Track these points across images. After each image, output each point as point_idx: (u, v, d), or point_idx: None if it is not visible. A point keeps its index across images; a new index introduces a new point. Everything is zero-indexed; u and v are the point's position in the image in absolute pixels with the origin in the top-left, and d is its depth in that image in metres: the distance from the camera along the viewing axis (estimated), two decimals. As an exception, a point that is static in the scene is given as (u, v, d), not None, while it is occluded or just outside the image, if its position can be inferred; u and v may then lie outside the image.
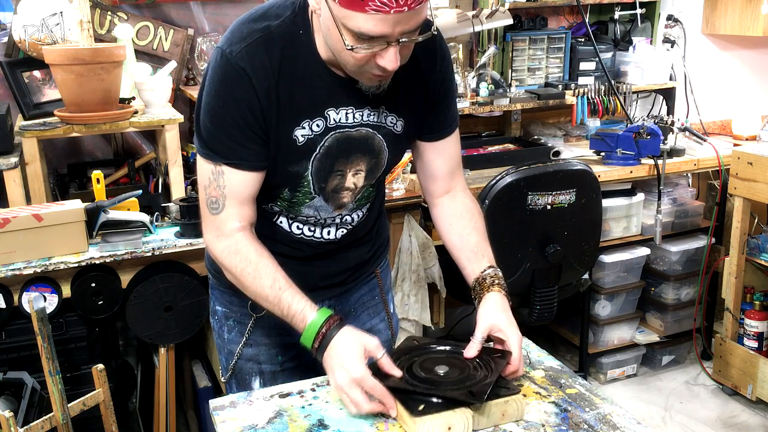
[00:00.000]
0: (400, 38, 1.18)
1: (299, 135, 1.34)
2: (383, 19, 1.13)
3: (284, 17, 1.31)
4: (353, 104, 1.35)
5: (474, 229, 1.51)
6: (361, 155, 1.41)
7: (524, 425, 1.24)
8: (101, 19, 2.73)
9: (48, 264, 2.09)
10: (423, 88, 1.43)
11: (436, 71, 1.43)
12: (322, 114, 1.34)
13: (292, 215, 1.47)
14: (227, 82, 1.29)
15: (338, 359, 1.25)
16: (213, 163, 1.34)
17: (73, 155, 2.88)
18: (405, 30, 1.17)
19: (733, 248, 3.05)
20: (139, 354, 2.80)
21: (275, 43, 1.29)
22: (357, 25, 1.14)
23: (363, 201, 1.51)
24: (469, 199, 1.56)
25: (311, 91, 1.32)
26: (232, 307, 1.60)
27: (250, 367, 1.60)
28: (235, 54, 1.28)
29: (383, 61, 1.20)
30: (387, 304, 1.73)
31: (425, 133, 1.50)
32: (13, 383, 2.08)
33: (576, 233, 2.59)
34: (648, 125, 3.05)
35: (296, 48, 1.30)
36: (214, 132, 1.32)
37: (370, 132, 1.40)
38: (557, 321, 3.16)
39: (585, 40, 3.42)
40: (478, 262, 1.46)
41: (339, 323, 1.29)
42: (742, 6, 3.51)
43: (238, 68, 1.28)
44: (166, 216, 2.42)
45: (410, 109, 1.43)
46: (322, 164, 1.38)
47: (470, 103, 3.08)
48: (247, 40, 1.29)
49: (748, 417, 3.02)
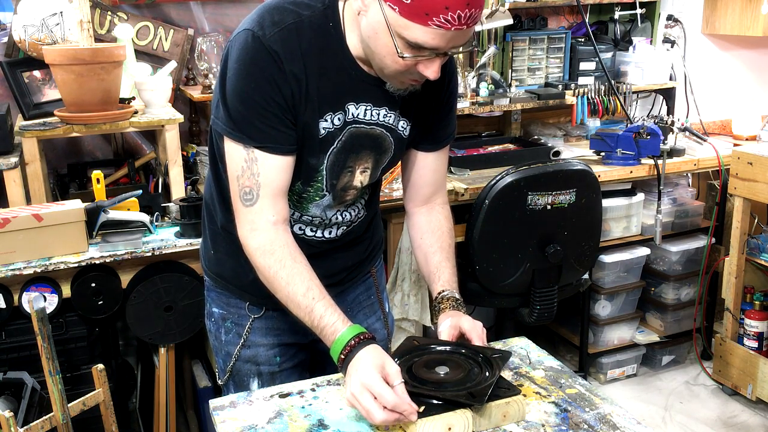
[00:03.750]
0: (449, 51, 1.21)
1: (321, 127, 1.35)
2: (442, 35, 1.16)
3: (315, 8, 1.31)
4: (373, 102, 1.37)
5: (440, 248, 1.55)
6: (370, 152, 1.43)
7: (524, 425, 1.24)
8: (101, 19, 2.73)
9: (48, 264, 2.09)
10: (434, 99, 1.46)
11: (444, 83, 1.46)
12: (343, 108, 1.35)
13: (298, 214, 1.47)
14: (259, 64, 1.27)
15: (354, 368, 1.22)
16: (245, 147, 1.31)
17: (73, 155, 2.88)
18: (457, 44, 1.20)
19: (733, 248, 3.05)
20: (139, 354, 2.80)
21: (306, 32, 1.29)
22: (414, 37, 1.17)
23: (358, 198, 1.53)
24: (444, 216, 1.60)
25: (336, 83, 1.33)
26: (229, 309, 1.59)
27: (248, 369, 1.60)
28: (268, 36, 1.27)
29: (427, 71, 1.23)
30: (382, 303, 1.74)
31: (424, 143, 1.53)
32: (13, 383, 2.08)
33: (576, 233, 2.59)
34: (648, 125, 3.05)
35: (326, 39, 1.31)
36: (246, 114, 1.30)
37: (384, 132, 1.42)
38: (557, 321, 3.16)
39: (585, 40, 3.42)
40: (434, 284, 1.52)
41: (368, 340, 1.26)
42: (742, 6, 3.51)
43: (271, 50, 1.27)
44: (166, 216, 2.42)
45: (420, 117, 1.46)
46: (337, 159, 1.39)
47: (470, 103, 3.08)
48: (279, 25, 1.28)
49: (748, 417, 3.02)
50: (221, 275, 1.59)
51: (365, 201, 1.57)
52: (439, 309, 1.46)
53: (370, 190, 1.57)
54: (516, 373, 1.42)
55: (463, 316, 1.41)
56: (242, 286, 1.56)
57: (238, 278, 1.55)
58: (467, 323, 1.39)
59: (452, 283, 1.50)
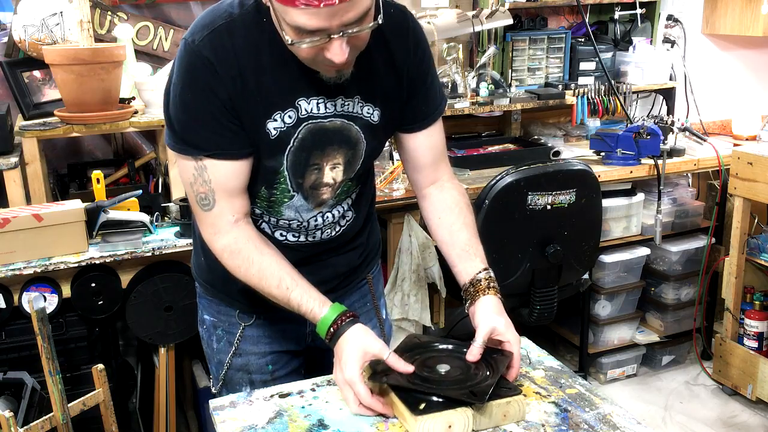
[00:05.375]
0: (344, 31, 1.13)
1: (271, 128, 1.31)
2: (315, 13, 1.10)
3: (247, 5, 1.28)
4: (325, 94, 1.31)
5: (464, 225, 1.47)
6: (338, 147, 1.37)
7: (524, 425, 1.24)
8: (101, 19, 2.73)
9: (48, 264, 2.09)
10: (398, 76, 1.39)
11: (410, 58, 1.39)
12: (293, 104, 1.30)
13: (274, 219, 1.44)
14: (194, 72, 1.26)
15: (338, 356, 1.28)
16: (192, 158, 1.31)
17: (73, 155, 2.88)
18: (345, 22, 1.12)
19: (733, 248, 3.05)
20: (139, 354, 2.80)
21: (238, 30, 1.26)
22: (293, 21, 1.12)
23: (342, 196, 1.46)
24: (457, 191, 1.51)
25: (280, 80, 1.29)
26: (219, 317, 1.57)
27: (240, 377, 1.58)
28: (197, 43, 1.25)
29: (330, 54, 1.16)
30: (379, 310, 1.69)
31: (406, 123, 1.46)
32: (13, 383, 2.08)
33: (576, 233, 2.59)
34: (648, 125, 3.05)
35: (261, 35, 1.27)
36: (187, 124, 1.29)
37: (346, 123, 1.35)
38: (557, 321, 3.15)
39: (585, 40, 3.42)
40: (470, 262, 1.43)
41: (350, 321, 1.29)
42: (742, 6, 3.51)
43: (201, 57, 1.24)
44: (166, 216, 2.42)
45: (387, 98, 1.39)
46: (297, 158, 1.34)
47: (470, 103, 3.08)
48: (209, 28, 1.26)
49: (748, 417, 3.02)
50: (211, 283, 1.57)
51: (351, 202, 1.49)
52: (484, 288, 1.39)
53: (357, 190, 1.49)
54: (516, 373, 1.42)
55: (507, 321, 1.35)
56: (232, 294, 1.53)
57: (227, 286, 1.51)
58: (512, 335, 1.33)
59: (486, 262, 1.44)
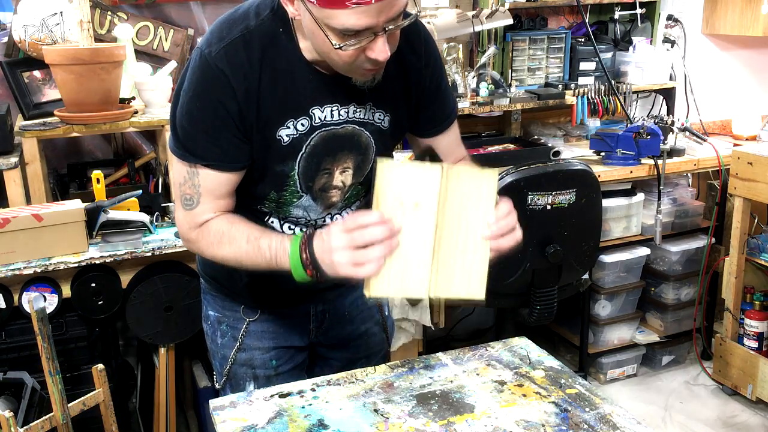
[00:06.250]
0: (386, 26, 1.16)
1: (284, 135, 1.32)
2: (366, 11, 1.11)
3: (263, 16, 1.29)
4: (338, 101, 1.34)
5: None
6: (348, 152, 1.39)
7: (524, 425, 1.24)
8: (101, 19, 2.73)
9: (48, 264, 2.09)
10: (410, 82, 1.41)
11: (422, 65, 1.41)
12: (307, 113, 1.32)
13: (282, 215, 1.46)
14: (205, 83, 1.27)
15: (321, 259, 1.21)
16: (188, 164, 1.32)
17: (73, 155, 2.88)
18: (389, 17, 1.15)
19: (733, 248, 3.05)
20: (139, 354, 2.80)
21: (255, 42, 1.27)
22: (341, 23, 1.13)
23: (352, 199, 1.48)
24: None
25: (295, 90, 1.30)
26: (224, 312, 1.59)
27: (244, 372, 1.59)
28: (213, 54, 1.26)
29: (374, 53, 1.18)
30: (381, 307, 1.71)
31: (423, 129, 1.48)
32: (13, 383, 2.08)
33: (576, 233, 2.59)
34: (648, 125, 3.05)
35: (277, 46, 1.28)
36: (190, 132, 1.30)
37: (357, 129, 1.38)
38: (557, 321, 3.15)
39: (585, 40, 3.42)
40: None
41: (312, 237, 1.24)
42: (742, 6, 3.51)
43: (216, 69, 1.26)
44: (166, 216, 2.42)
45: (397, 104, 1.41)
46: (308, 163, 1.37)
47: (470, 103, 3.08)
48: (225, 40, 1.27)
49: (748, 417, 3.02)
50: (216, 278, 1.58)
51: (360, 204, 1.51)
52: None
53: (364, 189, 1.50)
54: (516, 373, 1.42)
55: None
56: (236, 289, 1.55)
57: (232, 281, 1.54)
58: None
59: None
